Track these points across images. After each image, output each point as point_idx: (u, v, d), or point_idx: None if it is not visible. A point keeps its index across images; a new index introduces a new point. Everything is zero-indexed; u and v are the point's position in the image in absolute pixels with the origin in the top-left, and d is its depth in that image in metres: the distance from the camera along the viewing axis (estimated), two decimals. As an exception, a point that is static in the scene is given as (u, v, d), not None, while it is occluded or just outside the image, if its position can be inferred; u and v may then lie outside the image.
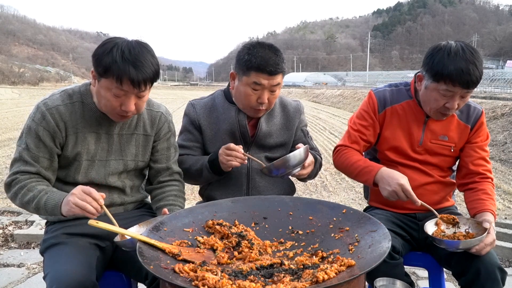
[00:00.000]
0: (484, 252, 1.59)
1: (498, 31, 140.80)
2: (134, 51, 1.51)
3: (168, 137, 1.86)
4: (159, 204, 1.77)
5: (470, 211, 1.81)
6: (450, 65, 1.65)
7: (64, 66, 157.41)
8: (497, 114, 12.96)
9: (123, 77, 1.49)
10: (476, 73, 1.65)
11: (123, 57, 1.49)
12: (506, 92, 27.47)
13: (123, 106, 1.57)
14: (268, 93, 1.86)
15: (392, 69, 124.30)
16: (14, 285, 2.84)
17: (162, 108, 1.87)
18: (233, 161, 1.80)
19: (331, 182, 7.32)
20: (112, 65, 1.49)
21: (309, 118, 16.87)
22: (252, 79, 1.82)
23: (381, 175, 1.77)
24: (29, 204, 1.57)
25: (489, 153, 1.96)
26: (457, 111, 1.89)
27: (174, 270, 1.11)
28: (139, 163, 1.80)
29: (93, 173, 1.70)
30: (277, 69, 1.82)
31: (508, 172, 8.09)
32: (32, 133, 1.62)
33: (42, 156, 1.62)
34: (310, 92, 46.73)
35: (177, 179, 1.88)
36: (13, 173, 1.62)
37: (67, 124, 1.64)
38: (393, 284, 1.39)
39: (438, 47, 1.73)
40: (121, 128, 1.73)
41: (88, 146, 1.68)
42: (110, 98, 1.56)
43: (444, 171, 1.94)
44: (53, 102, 1.64)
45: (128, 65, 1.49)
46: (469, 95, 1.74)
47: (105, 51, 1.51)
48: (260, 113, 1.96)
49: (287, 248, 1.35)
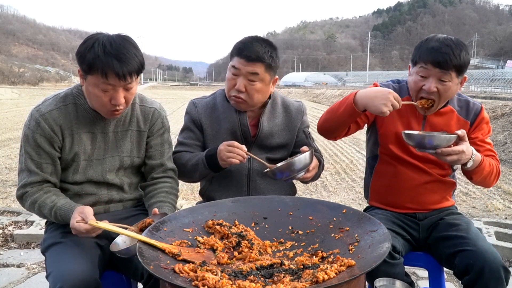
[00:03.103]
0: (449, 159, 1.63)
1: (498, 31, 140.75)
2: (115, 45, 1.51)
3: (162, 133, 1.86)
4: (150, 202, 1.78)
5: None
6: (424, 47, 1.76)
7: (64, 66, 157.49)
8: (497, 114, 12.95)
9: (107, 71, 1.49)
10: (450, 54, 1.69)
11: (105, 52, 1.49)
12: (506, 92, 27.47)
13: (112, 100, 1.57)
14: (244, 81, 1.85)
15: (392, 69, 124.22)
16: (14, 285, 2.84)
17: (156, 104, 1.88)
18: (234, 158, 1.78)
19: (331, 182, 7.32)
20: (96, 60, 1.49)
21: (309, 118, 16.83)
22: (232, 63, 1.87)
23: (366, 96, 1.71)
24: (49, 218, 1.64)
25: (492, 145, 1.94)
26: (456, 106, 1.90)
27: (174, 270, 1.11)
28: (134, 159, 1.80)
29: (90, 171, 1.72)
30: (257, 57, 1.82)
31: (508, 172, 8.09)
32: (30, 141, 1.63)
33: (45, 163, 1.64)
34: (310, 92, 46.73)
35: (170, 176, 1.88)
36: (21, 186, 1.65)
37: (62, 127, 1.65)
38: (393, 284, 1.39)
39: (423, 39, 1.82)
40: (115, 125, 1.74)
41: (85, 146, 1.69)
42: (99, 94, 1.56)
43: (444, 169, 1.93)
44: (46, 107, 1.64)
45: (111, 58, 1.49)
46: (450, 81, 1.73)
47: (87, 48, 1.51)
48: (238, 104, 1.92)
49: (287, 248, 1.35)
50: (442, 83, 1.74)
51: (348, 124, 1.85)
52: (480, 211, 5.47)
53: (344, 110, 1.77)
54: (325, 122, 1.90)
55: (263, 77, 1.86)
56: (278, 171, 1.72)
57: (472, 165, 1.71)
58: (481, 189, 6.63)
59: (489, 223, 4.00)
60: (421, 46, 1.78)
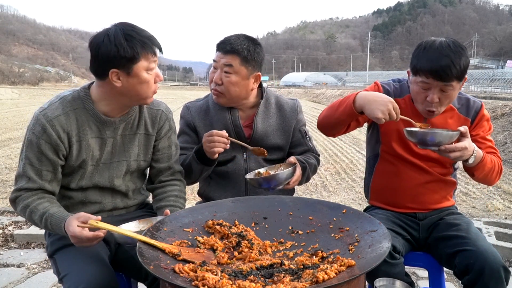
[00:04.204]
0: (452, 156, 1.63)
1: (498, 31, 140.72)
2: (135, 27, 1.55)
3: (169, 135, 1.83)
4: (160, 204, 1.76)
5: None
6: (423, 58, 1.71)
7: (64, 66, 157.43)
8: (497, 114, 12.95)
9: (155, 48, 1.56)
10: (451, 66, 1.65)
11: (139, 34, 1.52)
12: (506, 92, 27.49)
13: (157, 78, 1.61)
14: (221, 73, 1.90)
15: (392, 69, 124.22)
16: (14, 285, 2.84)
17: (162, 105, 1.83)
18: (216, 147, 1.80)
19: (331, 182, 7.31)
20: (144, 44, 1.52)
21: (310, 118, 16.87)
22: (213, 57, 1.96)
23: (365, 98, 1.70)
24: (38, 225, 1.57)
25: (494, 142, 1.94)
26: (456, 104, 1.90)
27: (174, 270, 1.11)
28: (141, 162, 1.77)
29: (97, 176, 1.67)
30: (231, 48, 1.87)
31: (508, 172, 8.09)
32: (34, 147, 1.55)
33: (45, 170, 1.57)
34: (310, 92, 46.74)
35: (179, 179, 1.87)
36: (16, 189, 1.59)
37: (70, 134, 1.58)
38: (393, 284, 1.39)
39: (421, 42, 1.78)
40: (124, 129, 1.69)
41: (93, 152, 1.64)
42: (148, 78, 1.57)
43: (445, 168, 1.93)
44: (52, 112, 1.56)
45: (149, 37, 1.54)
46: (451, 90, 1.72)
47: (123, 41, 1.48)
48: (218, 98, 1.97)
49: (287, 248, 1.35)
50: (444, 93, 1.73)
51: (347, 122, 1.85)
52: (480, 211, 5.47)
53: (344, 109, 1.77)
54: (325, 119, 1.90)
55: (238, 69, 1.89)
56: (258, 182, 1.77)
57: (473, 161, 1.71)
58: (481, 189, 6.64)
59: (489, 223, 4.00)
60: (419, 54, 1.73)
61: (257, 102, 2.04)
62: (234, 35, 1.95)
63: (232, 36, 1.93)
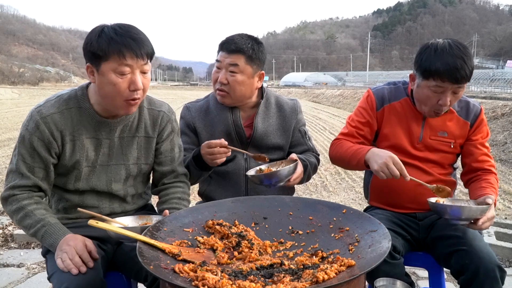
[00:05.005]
0: (484, 227, 1.61)
1: (498, 31, 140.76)
2: (125, 27, 1.49)
3: (172, 138, 1.79)
4: (162, 207, 1.72)
5: (471, 198, 1.82)
6: (437, 62, 1.68)
7: (64, 66, 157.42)
8: (497, 114, 12.96)
9: (124, 50, 1.44)
10: (464, 67, 1.66)
11: (117, 33, 1.45)
12: (506, 92, 27.51)
13: (131, 85, 1.49)
14: (226, 73, 1.91)
15: (392, 69, 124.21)
16: (14, 285, 2.84)
17: (164, 106, 1.78)
18: (217, 158, 1.79)
19: (331, 182, 7.32)
20: (110, 42, 1.44)
21: (309, 118, 16.87)
22: (216, 58, 1.96)
23: (372, 153, 1.77)
24: (26, 229, 1.53)
25: (490, 149, 1.97)
26: (456, 107, 1.90)
27: (174, 270, 1.11)
28: (142, 166, 1.73)
29: (94, 179, 1.64)
30: (236, 47, 1.88)
31: (508, 172, 8.09)
32: (26, 143, 1.54)
33: (37, 167, 1.55)
34: (310, 92, 46.73)
35: (182, 181, 1.83)
36: (9, 187, 1.55)
37: (64, 132, 1.56)
38: (393, 284, 1.39)
39: (426, 45, 1.77)
40: (121, 131, 1.66)
41: (87, 153, 1.61)
42: (116, 81, 1.47)
43: (445, 169, 1.94)
44: (47, 109, 1.55)
45: (126, 38, 1.45)
46: (462, 91, 1.74)
47: (96, 35, 1.47)
48: (223, 98, 1.97)
49: (287, 248, 1.35)
50: (456, 95, 1.75)
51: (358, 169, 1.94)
52: (480, 211, 5.46)
53: (356, 165, 1.86)
54: (338, 162, 2.01)
55: (243, 68, 1.89)
56: (260, 178, 1.76)
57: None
58: (481, 189, 6.62)
59: (489, 223, 3.99)
60: (431, 58, 1.71)
61: (257, 102, 2.04)
62: (236, 34, 1.96)
63: (235, 36, 1.94)
